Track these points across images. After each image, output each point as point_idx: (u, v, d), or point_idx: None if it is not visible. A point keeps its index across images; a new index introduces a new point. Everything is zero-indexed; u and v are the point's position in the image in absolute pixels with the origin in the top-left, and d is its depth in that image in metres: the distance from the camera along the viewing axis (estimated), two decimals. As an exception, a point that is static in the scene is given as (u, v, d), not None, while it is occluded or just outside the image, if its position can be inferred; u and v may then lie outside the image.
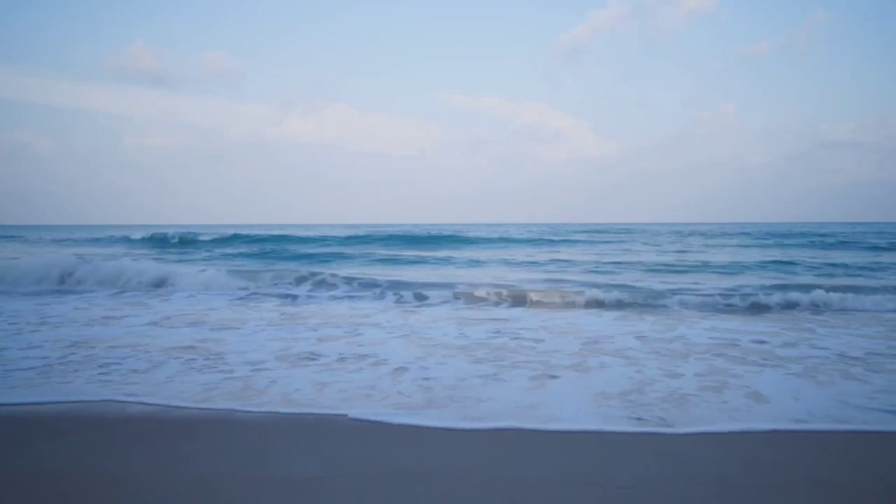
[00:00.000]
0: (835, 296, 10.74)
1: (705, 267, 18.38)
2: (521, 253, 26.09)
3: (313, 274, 13.84)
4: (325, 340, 7.51)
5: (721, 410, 4.66)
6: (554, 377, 5.69)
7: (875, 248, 26.87)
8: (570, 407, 4.73)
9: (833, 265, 19.05)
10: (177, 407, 4.72)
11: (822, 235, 36.41)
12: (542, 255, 24.24)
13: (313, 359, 6.44)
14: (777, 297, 10.83)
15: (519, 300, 11.36)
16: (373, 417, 4.46)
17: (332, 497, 3.10)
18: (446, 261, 21.23)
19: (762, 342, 7.47)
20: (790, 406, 4.77)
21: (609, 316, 9.77)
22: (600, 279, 14.99)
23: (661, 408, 4.71)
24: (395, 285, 12.81)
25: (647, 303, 10.87)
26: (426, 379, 5.60)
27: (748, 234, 40.07)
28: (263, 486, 3.21)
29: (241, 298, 11.73)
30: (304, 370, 5.93)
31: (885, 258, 22.08)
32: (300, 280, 13.48)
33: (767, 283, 13.61)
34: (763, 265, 18.91)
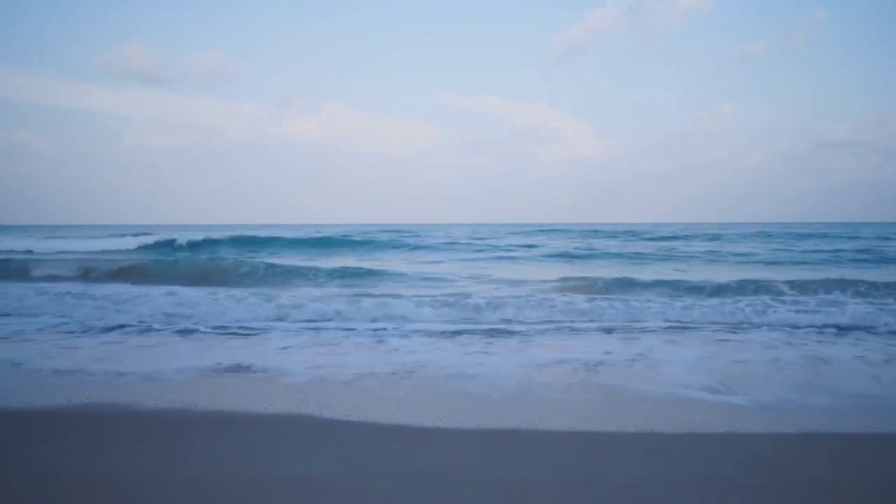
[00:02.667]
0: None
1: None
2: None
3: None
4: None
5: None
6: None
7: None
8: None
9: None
10: (177, 407, 4.72)
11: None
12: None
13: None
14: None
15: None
16: (373, 418, 4.47)
17: (332, 497, 3.10)
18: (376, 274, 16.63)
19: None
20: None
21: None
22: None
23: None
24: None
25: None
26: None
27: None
28: (263, 486, 3.21)
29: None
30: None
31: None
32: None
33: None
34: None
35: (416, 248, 28.12)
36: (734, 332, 8.23)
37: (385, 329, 8.38)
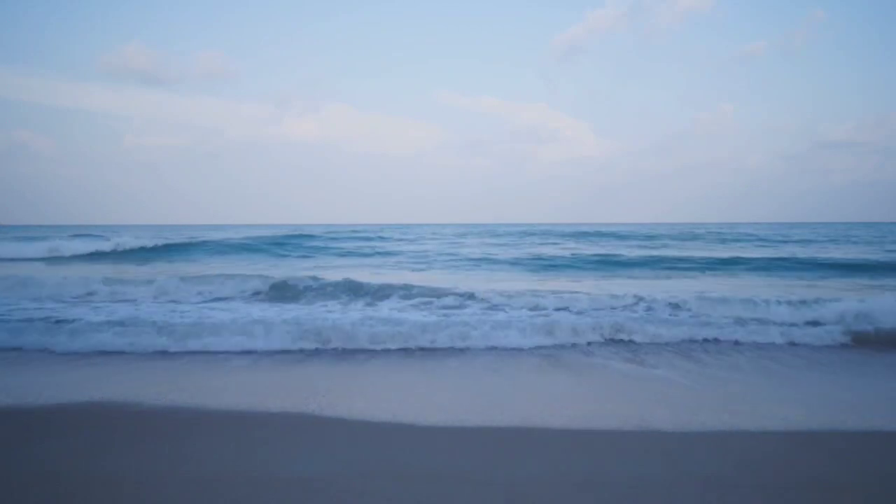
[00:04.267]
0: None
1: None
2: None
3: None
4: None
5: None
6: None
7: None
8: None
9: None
10: (177, 407, 4.72)
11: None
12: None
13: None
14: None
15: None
16: (372, 417, 4.47)
17: (332, 497, 3.10)
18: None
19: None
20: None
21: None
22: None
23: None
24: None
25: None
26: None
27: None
28: (263, 486, 3.21)
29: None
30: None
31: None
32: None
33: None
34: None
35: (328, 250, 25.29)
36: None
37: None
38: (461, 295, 10.21)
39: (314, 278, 11.88)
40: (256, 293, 11.15)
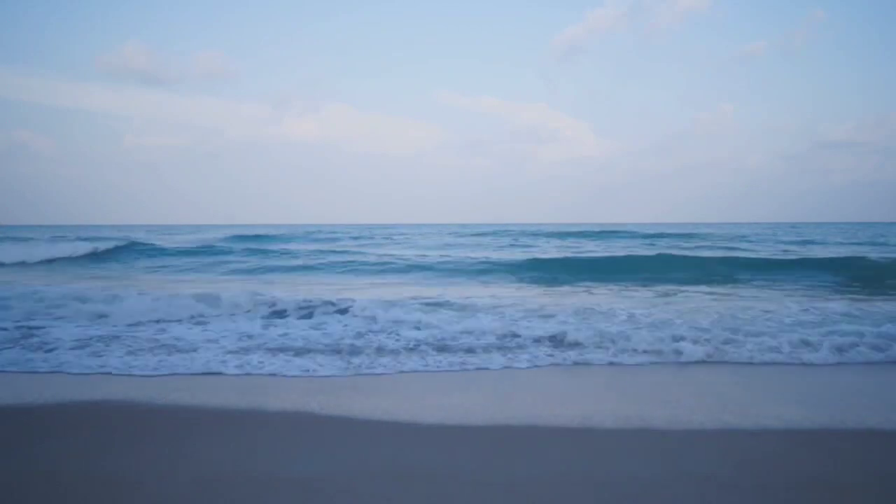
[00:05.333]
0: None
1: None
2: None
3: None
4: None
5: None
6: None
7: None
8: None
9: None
10: (177, 407, 4.72)
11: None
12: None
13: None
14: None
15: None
16: (372, 417, 4.47)
17: (332, 497, 3.10)
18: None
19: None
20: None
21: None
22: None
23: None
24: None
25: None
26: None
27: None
28: (263, 486, 3.20)
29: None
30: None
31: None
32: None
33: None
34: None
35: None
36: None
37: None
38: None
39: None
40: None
